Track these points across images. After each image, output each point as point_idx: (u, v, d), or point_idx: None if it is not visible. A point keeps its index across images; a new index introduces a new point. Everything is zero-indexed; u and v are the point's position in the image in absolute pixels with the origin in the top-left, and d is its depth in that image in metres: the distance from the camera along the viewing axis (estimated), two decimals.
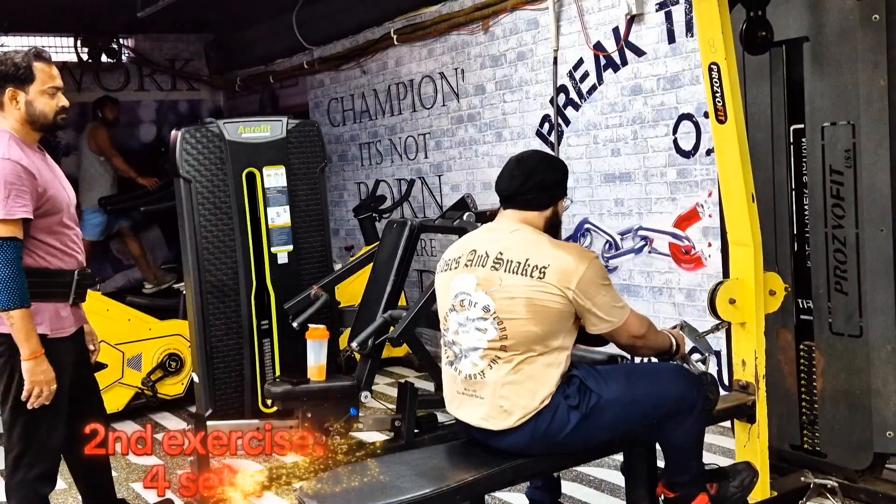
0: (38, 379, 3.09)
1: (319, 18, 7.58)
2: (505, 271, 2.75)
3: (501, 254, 2.78)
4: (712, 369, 4.83)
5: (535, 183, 2.86)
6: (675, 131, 4.99)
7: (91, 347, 3.56)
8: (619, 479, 3.94)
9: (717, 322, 3.36)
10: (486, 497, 3.49)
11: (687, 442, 2.97)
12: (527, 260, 2.73)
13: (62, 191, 3.26)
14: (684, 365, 3.09)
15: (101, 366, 5.44)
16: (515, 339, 2.72)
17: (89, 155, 7.95)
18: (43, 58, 3.22)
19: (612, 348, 3.19)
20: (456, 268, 2.89)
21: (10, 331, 3.05)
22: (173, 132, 5.07)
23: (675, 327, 3.19)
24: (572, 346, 2.86)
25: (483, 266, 2.80)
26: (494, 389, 2.76)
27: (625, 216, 5.35)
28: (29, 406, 3.11)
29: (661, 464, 3.16)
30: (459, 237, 4.59)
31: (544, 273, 2.70)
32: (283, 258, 5.21)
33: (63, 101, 3.24)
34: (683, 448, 2.99)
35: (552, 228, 2.93)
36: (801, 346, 3.79)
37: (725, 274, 3.85)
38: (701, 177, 4.87)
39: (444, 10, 6.45)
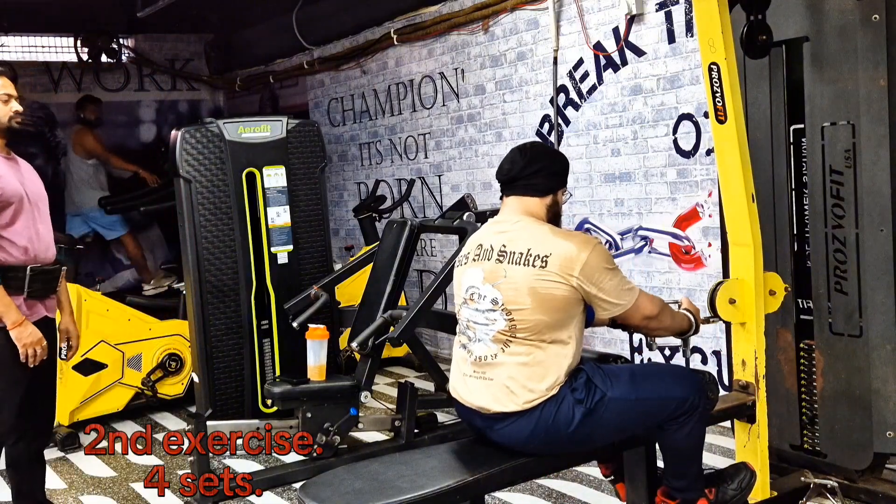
0: (28, 342, 3.38)
1: (319, 18, 7.58)
2: (509, 263, 2.79)
3: (505, 246, 2.82)
4: (712, 369, 4.84)
5: (536, 169, 2.91)
6: (675, 131, 4.99)
7: (64, 344, 3.72)
8: None
9: (709, 315, 3.35)
10: (486, 497, 3.49)
11: (688, 445, 2.97)
12: (529, 250, 2.77)
13: (18, 188, 3.47)
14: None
15: (102, 366, 5.46)
16: (525, 327, 2.75)
17: (75, 159, 7.95)
18: None
19: (609, 347, 3.18)
20: (465, 263, 2.95)
21: None
22: (173, 132, 5.07)
23: (676, 303, 3.20)
24: (581, 338, 2.87)
25: (489, 259, 2.85)
26: (505, 370, 2.78)
27: (625, 216, 5.35)
28: (31, 364, 3.40)
29: (660, 464, 3.16)
30: (459, 237, 4.63)
31: (546, 262, 2.73)
32: (283, 258, 5.21)
33: (16, 107, 3.58)
34: (684, 451, 2.98)
35: (554, 218, 2.95)
36: (801, 346, 3.79)
37: (725, 274, 3.85)
38: (701, 177, 4.87)
39: (444, 10, 6.45)
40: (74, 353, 3.82)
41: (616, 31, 5.24)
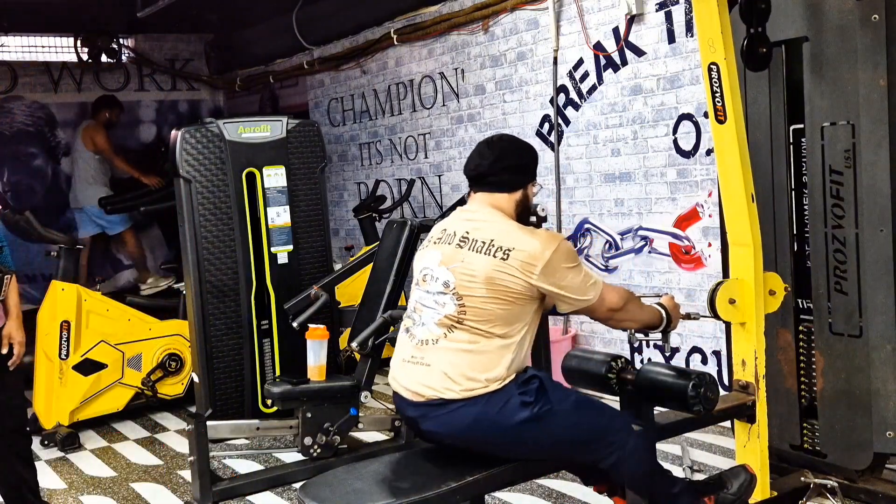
0: None
1: (319, 18, 7.58)
2: (469, 249, 2.76)
3: (468, 233, 2.80)
4: (712, 369, 4.84)
5: (506, 165, 2.86)
6: (675, 131, 4.99)
7: (5, 350, 3.61)
8: None
9: (691, 312, 3.34)
10: (486, 497, 3.49)
11: (641, 467, 2.90)
12: (492, 241, 2.74)
13: None
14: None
15: (102, 366, 5.46)
16: (474, 316, 2.72)
17: (84, 154, 7.95)
18: None
19: (609, 347, 3.17)
20: (427, 246, 2.92)
21: None
22: (173, 132, 5.07)
23: (658, 296, 3.15)
24: (532, 336, 2.82)
25: (449, 244, 2.82)
26: (444, 356, 2.73)
27: (625, 216, 5.35)
28: None
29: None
30: None
31: (508, 255, 2.70)
32: (283, 258, 5.21)
33: None
34: (643, 474, 2.92)
35: (523, 214, 2.91)
36: (801, 346, 3.79)
37: (725, 274, 3.85)
38: (701, 177, 4.87)
39: (444, 10, 6.46)
40: (18, 360, 3.66)
41: (616, 31, 5.24)
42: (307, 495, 2.65)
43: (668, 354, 3.17)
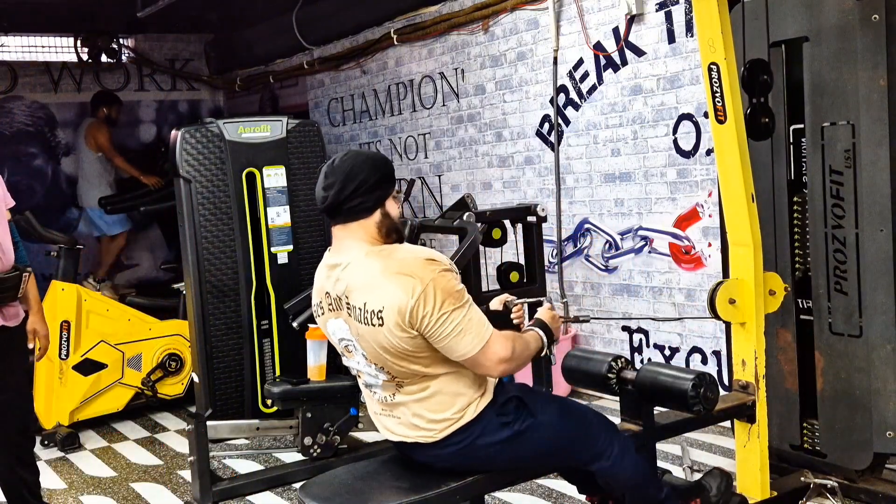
0: None
1: (319, 18, 7.58)
2: (355, 320, 2.58)
3: (348, 297, 2.58)
4: (712, 369, 4.84)
5: (353, 189, 2.55)
6: (675, 131, 4.99)
7: (32, 344, 3.64)
8: None
9: (579, 316, 3.29)
10: (486, 497, 3.49)
11: (631, 476, 2.90)
12: (365, 304, 2.52)
13: None
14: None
15: (102, 366, 5.46)
16: (405, 376, 2.61)
17: (88, 153, 7.95)
18: None
19: (610, 347, 3.14)
20: (323, 313, 2.73)
21: None
22: (173, 132, 5.08)
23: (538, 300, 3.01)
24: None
25: (341, 310, 2.63)
26: (406, 409, 2.67)
27: (625, 216, 5.35)
28: None
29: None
30: (459, 237, 4.62)
31: (382, 319, 2.49)
32: (283, 258, 5.22)
33: None
34: (632, 484, 2.92)
35: (390, 231, 2.62)
36: (801, 346, 3.78)
37: (725, 274, 3.85)
38: (701, 177, 4.87)
39: (444, 10, 6.45)
40: (44, 353, 3.72)
41: (616, 31, 5.24)
42: (307, 495, 2.66)
43: (553, 363, 3.09)
